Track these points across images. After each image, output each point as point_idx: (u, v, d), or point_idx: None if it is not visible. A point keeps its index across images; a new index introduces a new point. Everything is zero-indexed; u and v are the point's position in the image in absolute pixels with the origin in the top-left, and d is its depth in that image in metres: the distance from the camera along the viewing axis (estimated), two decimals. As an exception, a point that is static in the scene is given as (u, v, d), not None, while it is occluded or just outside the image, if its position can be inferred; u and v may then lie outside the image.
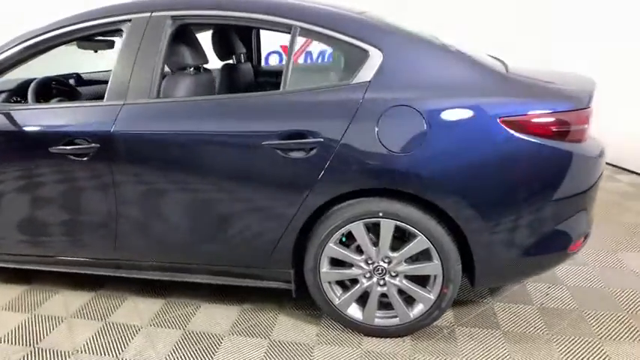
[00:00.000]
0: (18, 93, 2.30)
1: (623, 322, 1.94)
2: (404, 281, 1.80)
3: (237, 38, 2.74)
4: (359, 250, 1.81)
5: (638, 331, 1.87)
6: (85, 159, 1.84)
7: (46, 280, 2.34)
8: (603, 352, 1.77)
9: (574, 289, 2.17)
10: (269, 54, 6.28)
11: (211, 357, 1.81)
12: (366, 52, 1.70)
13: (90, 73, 2.94)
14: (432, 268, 1.74)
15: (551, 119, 1.59)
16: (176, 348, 1.87)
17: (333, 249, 1.80)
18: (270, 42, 6.18)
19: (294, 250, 1.84)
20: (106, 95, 1.87)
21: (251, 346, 1.87)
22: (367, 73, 1.69)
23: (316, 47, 5.88)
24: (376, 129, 1.62)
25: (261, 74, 3.05)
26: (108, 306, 2.15)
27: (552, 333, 1.89)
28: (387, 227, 1.72)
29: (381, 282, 1.82)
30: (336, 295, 1.88)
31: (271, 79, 3.10)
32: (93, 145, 1.82)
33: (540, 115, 1.59)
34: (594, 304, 2.06)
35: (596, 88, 1.72)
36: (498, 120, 1.58)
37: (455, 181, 1.62)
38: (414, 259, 1.79)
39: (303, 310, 2.08)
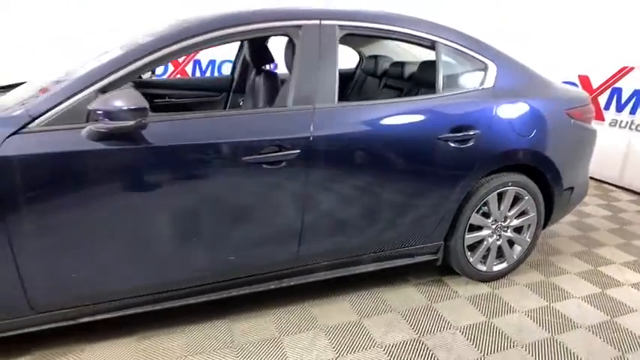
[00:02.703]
0: None
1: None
2: (512, 233, 2.45)
3: None
4: (485, 215, 2.36)
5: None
6: (282, 165, 1.78)
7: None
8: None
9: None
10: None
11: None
12: (486, 65, 2.27)
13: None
14: (532, 218, 2.45)
15: (583, 109, 2.51)
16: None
17: (475, 217, 2.30)
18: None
19: (450, 224, 2.25)
20: (290, 100, 1.84)
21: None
22: (490, 80, 2.26)
23: (206, 56, 5.82)
24: (509, 120, 2.21)
25: None
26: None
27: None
28: (510, 193, 2.33)
29: (498, 237, 2.42)
30: (470, 256, 2.38)
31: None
32: (292, 151, 1.78)
33: (579, 106, 2.49)
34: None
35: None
36: (564, 111, 2.41)
37: (551, 153, 2.35)
38: (517, 215, 2.45)
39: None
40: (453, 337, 2.02)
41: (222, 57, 5.75)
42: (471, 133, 2.12)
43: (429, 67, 2.45)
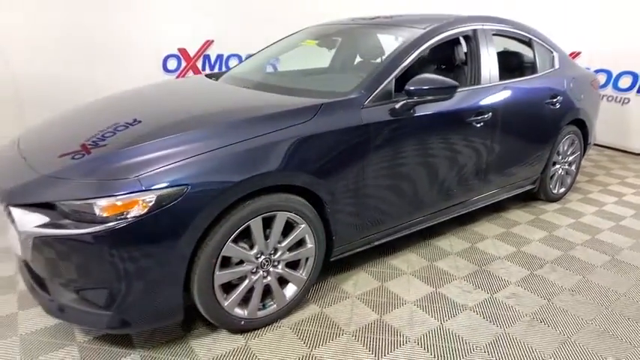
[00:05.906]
0: None
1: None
2: (568, 166, 3.63)
3: None
4: (557, 154, 3.48)
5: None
6: (481, 124, 2.65)
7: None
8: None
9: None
10: (167, 57, 6.09)
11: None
12: (552, 53, 3.38)
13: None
14: (578, 156, 3.65)
15: (596, 81, 3.79)
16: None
17: (555, 156, 3.41)
18: (167, 46, 6.00)
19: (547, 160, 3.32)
20: (481, 80, 2.71)
21: (537, 222, 3.24)
22: (557, 63, 3.38)
23: (214, 51, 6.20)
24: (571, 89, 3.35)
25: None
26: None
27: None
28: (571, 138, 3.50)
29: (562, 169, 3.58)
30: (550, 183, 3.50)
31: None
32: (488, 114, 2.66)
33: (594, 79, 3.76)
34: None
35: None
36: (590, 81, 3.65)
37: (589, 110, 3.56)
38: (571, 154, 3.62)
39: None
40: (566, 231, 3.11)
41: (229, 51, 6.14)
42: (556, 99, 3.21)
43: (508, 55, 3.48)
